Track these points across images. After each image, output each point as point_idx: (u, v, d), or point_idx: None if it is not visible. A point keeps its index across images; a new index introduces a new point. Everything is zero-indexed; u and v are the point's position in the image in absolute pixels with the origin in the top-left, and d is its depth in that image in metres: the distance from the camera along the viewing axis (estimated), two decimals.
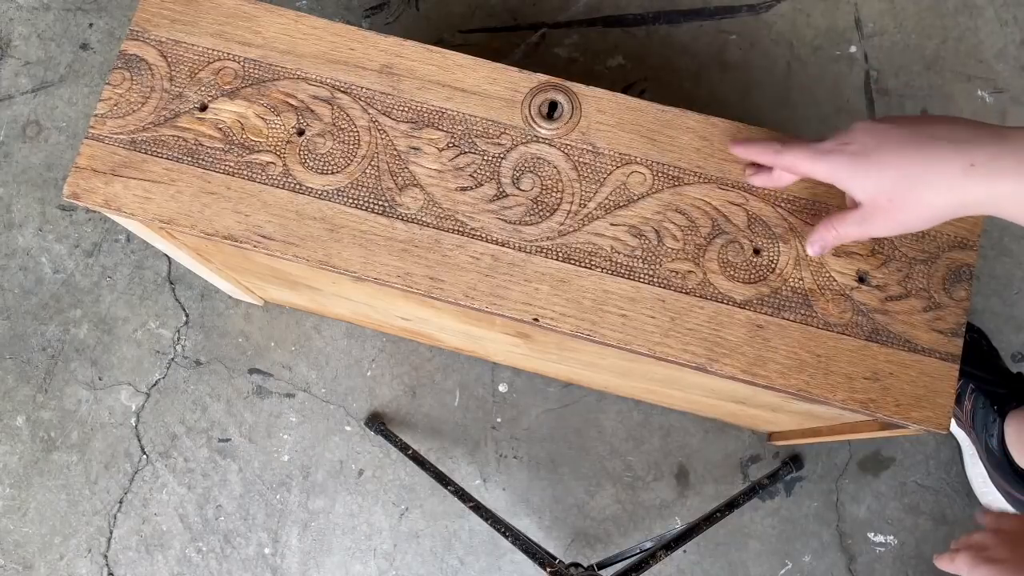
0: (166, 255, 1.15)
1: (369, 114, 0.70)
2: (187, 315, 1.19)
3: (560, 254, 0.68)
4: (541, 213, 0.68)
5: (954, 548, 0.64)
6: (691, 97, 1.26)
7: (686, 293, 0.67)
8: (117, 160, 0.69)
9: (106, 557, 1.13)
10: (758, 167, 0.67)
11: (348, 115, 0.70)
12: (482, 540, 1.13)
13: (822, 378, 0.66)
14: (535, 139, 0.70)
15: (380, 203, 0.68)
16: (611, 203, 0.68)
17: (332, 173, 0.69)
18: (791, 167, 0.62)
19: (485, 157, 0.69)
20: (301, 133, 0.70)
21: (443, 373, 1.18)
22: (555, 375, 1.14)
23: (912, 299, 0.67)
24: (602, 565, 0.95)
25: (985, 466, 1.06)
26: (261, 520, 1.14)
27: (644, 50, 1.28)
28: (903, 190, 0.54)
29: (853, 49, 1.28)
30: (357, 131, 0.70)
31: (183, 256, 0.87)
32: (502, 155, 0.69)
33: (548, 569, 0.90)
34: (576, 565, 0.90)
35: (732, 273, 0.67)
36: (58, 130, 1.24)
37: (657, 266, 0.67)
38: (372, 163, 0.69)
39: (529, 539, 0.96)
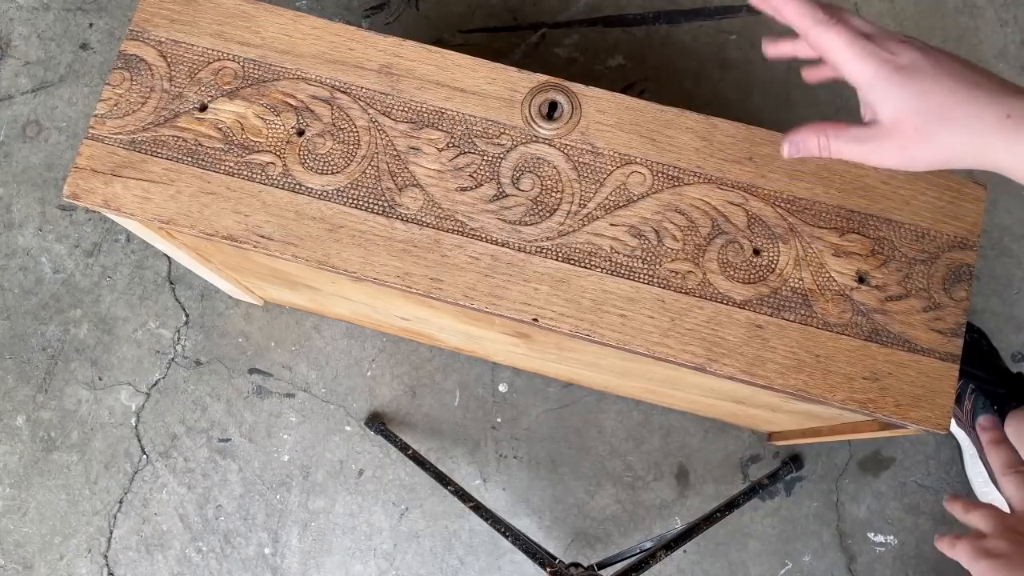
0: (166, 255, 1.15)
1: (369, 114, 0.70)
2: (187, 315, 1.19)
3: (560, 254, 0.68)
4: (541, 213, 0.68)
5: (956, 534, 0.63)
6: (691, 97, 1.26)
7: (686, 293, 0.67)
8: (117, 160, 0.69)
9: (106, 557, 1.13)
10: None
11: (348, 115, 0.70)
12: (482, 540, 1.13)
13: (821, 378, 0.66)
14: (535, 139, 0.70)
15: (380, 203, 0.68)
16: (611, 203, 0.68)
17: (332, 173, 0.69)
18: (826, 48, 0.53)
19: (485, 157, 0.69)
20: (301, 133, 0.70)
21: (443, 373, 1.18)
22: (555, 375, 1.13)
23: (912, 299, 0.67)
24: (602, 565, 0.95)
25: (985, 466, 1.06)
26: (261, 520, 1.14)
27: (644, 50, 1.28)
28: (933, 123, 0.51)
29: None
30: (357, 131, 0.70)
31: (183, 256, 0.87)
32: (502, 155, 0.69)
33: (548, 569, 0.90)
34: (576, 565, 0.90)
35: (732, 273, 0.67)
36: (58, 130, 1.24)
37: (657, 266, 0.67)
38: (372, 163, 0.69)
39: (529, 539, 0.96)
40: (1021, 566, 0.56)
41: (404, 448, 1.09)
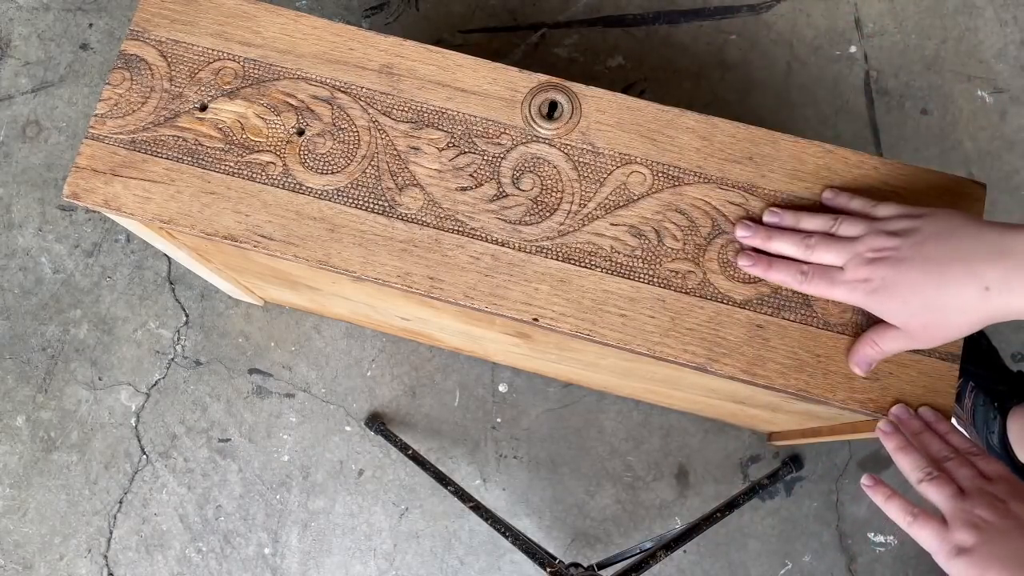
0: (166, 255, 1.15)
1: (369, 114, 0.70)
2: (187, 315, 1.19)
3: (560, 254, 0.68)
4: (541, 213, 0.68)
5: (928, 475, 0.57)
6: (691, 97, 1.26)
7: (686, 293, 0.67)
8: (117, 160, 0.69)
9: (106, 557, 1.13)
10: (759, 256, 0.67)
11: (348, 115, 0.70)
12: (482, 540, 1.13)
13: (821, 378, 0.66)
14: (535, 139, 0.70)
15: (380, 203, 0.68)
16: (611, 203, 0.68)
17: (332, 173, 0.69)
18: (813, 293, 0.65)
19: (485, 157, 0.69)
20: (301, 133, 0.70)
21: (443, 373, 1.18)
22: (555, 375, 1.13)
23: None
24: (602, 565, 0.95)
25: None
26: (261, 520, 1.14)
27: (644, 50, 1.28)
28: (932, 317, 0.58)
29: (853, 49, 1.28)
30: (357, 131, 0.70)
31: (183, 256, 0.87)
32: (502, 155, 0.69)
33: (548, 569, 0.90)
34: (576, 565, 0.90)
35: (732, 273, 0.67)
36: (58, 130, 1.24)
37: (657, 266, 0.67)
38: (372, 163, 0.69)
39: (529, 539, 0.96)
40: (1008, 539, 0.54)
41: (404, 448, 1.09)
